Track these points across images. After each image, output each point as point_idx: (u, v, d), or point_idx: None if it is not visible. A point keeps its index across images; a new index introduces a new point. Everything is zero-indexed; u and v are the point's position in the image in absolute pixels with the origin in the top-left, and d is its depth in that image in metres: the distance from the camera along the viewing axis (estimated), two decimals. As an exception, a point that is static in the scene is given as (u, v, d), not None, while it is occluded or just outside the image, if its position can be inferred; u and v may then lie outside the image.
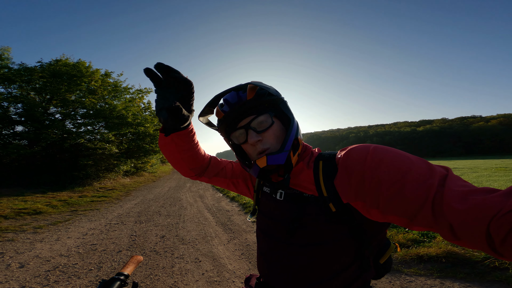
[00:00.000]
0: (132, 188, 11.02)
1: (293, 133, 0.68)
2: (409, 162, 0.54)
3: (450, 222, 0.44)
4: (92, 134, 12.47)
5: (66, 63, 11.65)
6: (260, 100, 0.68)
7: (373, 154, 0.58)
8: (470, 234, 0.42)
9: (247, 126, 0.69)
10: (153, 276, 2.72)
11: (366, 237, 0.64)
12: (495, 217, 0.39)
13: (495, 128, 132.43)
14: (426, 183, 0.49)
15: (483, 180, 9.35)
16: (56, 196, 7.97)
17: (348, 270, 0.64)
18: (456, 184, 0.47)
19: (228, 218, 5.27)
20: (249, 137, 0.68)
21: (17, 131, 11.13)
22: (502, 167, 16.47)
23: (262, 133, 0.68)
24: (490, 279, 2.29)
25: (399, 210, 0.52)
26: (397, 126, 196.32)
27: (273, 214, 0.74)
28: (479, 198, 0.43)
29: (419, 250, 2.89)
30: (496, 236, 0.39)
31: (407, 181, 0.51)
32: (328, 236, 0.63)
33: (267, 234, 0.75)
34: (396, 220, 0.54)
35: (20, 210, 5.76)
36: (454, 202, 0.44)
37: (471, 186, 0.47)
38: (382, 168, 0.55)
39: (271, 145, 0.68)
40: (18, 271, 2.84)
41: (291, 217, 0.68)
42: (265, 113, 0.68)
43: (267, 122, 0.68)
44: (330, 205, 0.62)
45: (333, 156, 0.68)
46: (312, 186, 0.67)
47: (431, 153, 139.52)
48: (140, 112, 15.84)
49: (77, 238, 4.03)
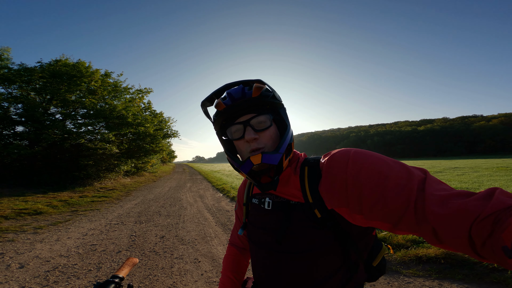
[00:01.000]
0: (133, 188, 11.04)
1: (288, 138, 0.68)
2: (387, 167, 0.54)
3: (433, 226, 0.45)
4: (92, 134, 12.48)
5: (66, 63, 11.63)
6: (264, 100, 0.69)
7: (353, 159, 0.59)
8: (453, 238, 0.43)
9: (246, 122, 0.68)
10: (152, 277, 2.72)
11: (351, 241, 0.64)
12: (475, 221, 0.41)
13: (496, 127, 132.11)
14: (405, 188, 0.50)
15: (484, 180, 9.33)
16: (56, 196, 7.99)
17: (337, 275, 0.64)
18: (434, 188, 0.49)
19: (228, 218, 5.28)
20: (247, 134, 0.68)
21: (18, 132, 11.15)
22: (504, 166, 16.42)
23: (259, 133, 0.68)
24: (489, 280, 2.29)
25: (382, 215, 0.52)
26: (398, 125, 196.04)
27: (262, 224, 0.74)
28: (459, 202, 0.44)
29: (418, 251, 2.89)
30: (477, 239, 0.40)
31: (387, 186, 0.52)
32: (315, 242, 0.64)
33: (258, 244, 0.75)
34: (380, 225, 0.54)
35: (21, 210, 5.78)
36: (434, 206, 0.45)
37: (450, 190, 0.48)
38: (362, 173, 0.56)
39: (266, 145, 0.68)
40: (18, 272, 2.86)
41: (279, 225, 0.68)
42: (266, 114, 0.69)
43: (266, 123, 0.69)
44: (316, 211, 0.63)
45: (317, 161, 0.69)
46: (298, 192, 0.67)
47: (432, 152, 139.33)
48: (140, 112, 15.81)
49: (77, 238, 4.04)
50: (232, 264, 0.93)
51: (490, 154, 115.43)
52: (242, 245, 0.95)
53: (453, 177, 11.06)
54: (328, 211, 0.62)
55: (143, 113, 16.56)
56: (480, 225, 0.40)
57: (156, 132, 16.78)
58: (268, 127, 0.69)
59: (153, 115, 17.94)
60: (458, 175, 12.00)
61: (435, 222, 0.45)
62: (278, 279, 0.68)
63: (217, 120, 0.74)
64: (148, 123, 14.65)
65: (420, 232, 0.48)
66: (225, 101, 0.70)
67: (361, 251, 0.68)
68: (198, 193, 9.30)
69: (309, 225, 0.64)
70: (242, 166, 0.68)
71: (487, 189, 0.44)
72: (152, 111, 18.26)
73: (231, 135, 0.73)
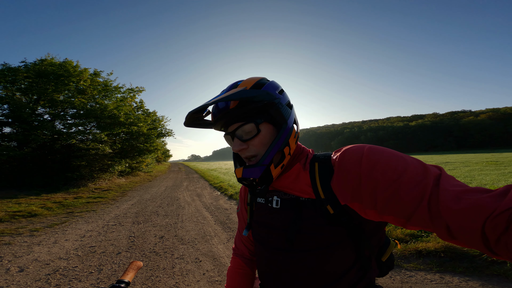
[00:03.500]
0: (128, 188, 10.90)
1: (279, 142, 0.66)
2: (404, 162, 0.54)
3: (447, 222, 0.45)
4: (84, 135, 12.24)
5: (52, 62, 11.28)
6: (243, 109, 0.65)
7: (368, 155, 0.58)
8: (466, 234, 0.43)
9: (232, 133, 0.68)
10: (154, 278, 2.70)
11: (365, 237, 0.64)
12: (489, 217, 0.41)
13: (484, 122, 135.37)
14: (421, 183, 0.50)
15: (475, 174, 9.54)
16: (50, 198, 7.83)
17: (351, 272, 0.64)
18: (450, 183, 0.49)
19: (227, 217, 5.27)
20: (233, 145, 0.69)
21: (5, 133, 10.85)
22: (493, 161, 16.84)
23: (248, 141, 0.67)
24: (489, 273, 2.34)
25: (396, 210, 0.52)
26: (390, 121, 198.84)
27: (270, 224, 0.73)
28: (474, 198, 0.44)
29: (418, 245, 2.94)
30: (491, 236, 0.40)
31: (403, 181, 0.52)
32: (328, 239, 0.63)
33: (265, 244, 0.73)
34: (393, 220, 0.54)
35: (15, 212, 5.64)
36: (449, 201, 0.45)
37: (465, 186, 0.48)
38: (378, 169, 0.55)
39: (258, 152, 0.67)
40: (18, 275, 2.80)
41: (289, 224, 0.67)
42: (251, 122, 0.66)
43: (252, 132, 0.66)
44: (328, 207, 0.62)
45: (328, 157, 0.68)
46: (309, 188, 0.66)
47: (424, 148, 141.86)
48: (133, 112, 15.57)
49: (75, 240, 3.97)
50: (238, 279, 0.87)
51: (479, 148, 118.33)
52: (249, 255, 0.90)
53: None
54: (341, 206, 0.61)
55: (136, 112, 16.33)
56: (495, 221, 0.40)
57: (150, 131, 16.59)
58: (256, 135, 0.67)
59: (146, 114, 17.72)
60: (449, 169, 12.24)
61: (448, 217, 0.45)
62: (289, 278, 0.67)
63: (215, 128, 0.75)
64: (141, 123, 14.45)
65: (434, 227, 0.48)
66: (214, 111, 0.70)
67: (374, 247, 0.68)
68: (196, 192, 9.26)
69: (321, 222, 0.63)
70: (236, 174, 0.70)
71: (504, 186, 0.44)
72: (144, 110, 18.04)
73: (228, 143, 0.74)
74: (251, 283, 0.88)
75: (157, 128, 19.13)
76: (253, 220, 0.80)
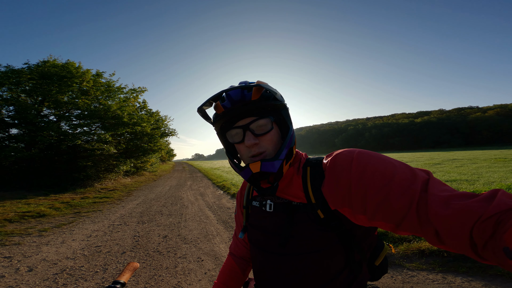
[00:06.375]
0: (133, 188, 11.03)
1: (289, 141, 0.67)
2: (392, 167, 0.55)
3: (436, 227, 0.46)
4: (89, 135, 12.38)
5: (55, 64, 11.42)
6: (264, 103, 0.67)
7: (357, 160, 0.59)
8: (454, 239, 0.44)
9: (246, 127, 0.67)
10: (157, 277, 2.75)
11: (355, 241, 0.65)
12: (477, 222, 0.41)
13: (492, 118, 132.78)
14: (410, 189, 0.50)
15: (483, 171, 9.39)
16: (58, 198, 7.97)
17: (341, 276, 0.65)
18: (438, 188, 0.49)
19: (229, 216, 5.30)
20: (246, 139, 0.66)
21: (12, 134, 11.04)
22: (501, 158, 16.53)
23: (260, 137, 0.67)
24: (492, 273, 2.31)
25: (386, 216, 0.53)
26: (395, 118, 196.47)
27: (264, 227, 0.74)
28: (461, 203, 0.44)
29: (421, 244, 2.91)
30: (479, 240, 0.41)
31: (392, 187, 0.52)
32: (318, 243, 0.64)
33: (259, 247, 0.74)
34: (382, 226, 0.55)
35: (24, 213, 5.76)
36: (437, 207, 0.46)
37: (453, 191, 0.48)
38: (367, 174, 0.56)
39: (267, 149, 0.67)
40: (27, 275, 2.87)
41: (281, 228, 0.68)
42: (267, 117, 0.67)
43: (267, 127, 0.67)
44: (319, 212, 0.63)
45: (320, 162, 0.69)
46: (301, 193, 0.67)
47: (430, 144, 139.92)
48: (136, 112, 15.69)
49: (82, 240, 4.05)
50: (225, 276, 0.91)
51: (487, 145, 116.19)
52: (240, 254, 0.93)
53: (452, 169, 11.11)
54: (331, 211, 0.62)
55: (139, 113, 16.45)
56: (482, 226, 0.40)
57: (154, 131, 16.70)
58: (269, 131, 0.67)
59: (149, 114, 17.83)
60: (456, 166, 12.07)
61: (437, 222, 0.45)
62: (281, 281, 0.68)
63: (217, 123, 0.73)
64: (144, 123, 14.56)
65: (423, 232, 0.49)
66: (224, 103, 0.68)
67: (365, 251, 0.69)
68: (199, 191, 9.32)
69: (312, 226, 0.64)
70: (242, 173, 0.67)
71: (490, 190, 0.45)
72: (148, 110, 18.15)
73: (231, 139, 0.71)
74: (237, 282, 0.91)
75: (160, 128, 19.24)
76: (249, 223, 0.82)
